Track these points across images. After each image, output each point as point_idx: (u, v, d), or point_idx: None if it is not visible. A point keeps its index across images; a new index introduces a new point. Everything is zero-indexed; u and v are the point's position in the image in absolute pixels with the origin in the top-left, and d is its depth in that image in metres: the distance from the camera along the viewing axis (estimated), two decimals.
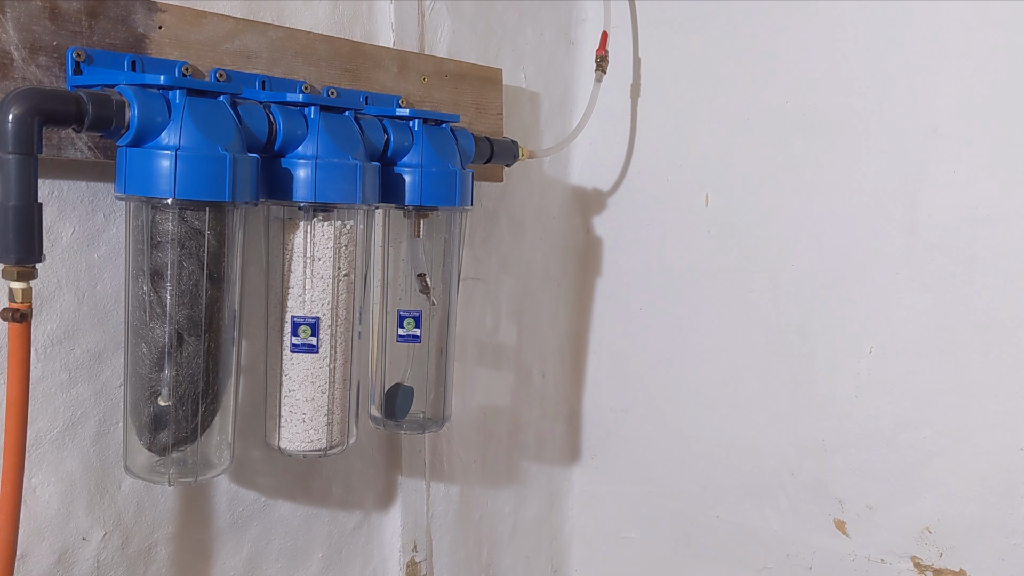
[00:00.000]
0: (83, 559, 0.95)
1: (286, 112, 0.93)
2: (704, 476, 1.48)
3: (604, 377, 1.60)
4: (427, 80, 1.20)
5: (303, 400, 0.97)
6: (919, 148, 1.25)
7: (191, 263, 0.84)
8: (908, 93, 1.26)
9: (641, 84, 1.51)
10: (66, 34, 0.84)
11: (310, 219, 0.95)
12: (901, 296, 1.28)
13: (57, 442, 0.92)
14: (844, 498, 1.35)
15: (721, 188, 1.43)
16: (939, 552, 1.28)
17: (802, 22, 1.34)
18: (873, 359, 1.30)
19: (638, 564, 1.58)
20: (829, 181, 1.33)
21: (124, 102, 0.80)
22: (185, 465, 0.89)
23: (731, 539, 1.46)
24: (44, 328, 0.90)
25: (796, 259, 1.36)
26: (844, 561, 1.35)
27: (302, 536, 1.18)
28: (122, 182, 0.82)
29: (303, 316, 0.95)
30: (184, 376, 0.85)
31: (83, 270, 0.92)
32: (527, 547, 1.57)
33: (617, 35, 1.51)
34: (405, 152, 1.07)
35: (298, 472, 1.17)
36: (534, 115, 1.48)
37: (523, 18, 1.44)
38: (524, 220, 1.48)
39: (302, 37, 1.05)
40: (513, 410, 1.51)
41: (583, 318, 1.61)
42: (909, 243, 1.27)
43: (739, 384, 1.43)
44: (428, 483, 1.35)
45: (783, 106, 1.36)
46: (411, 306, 1.13)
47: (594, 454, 1.62)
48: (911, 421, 1.28)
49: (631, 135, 1.52)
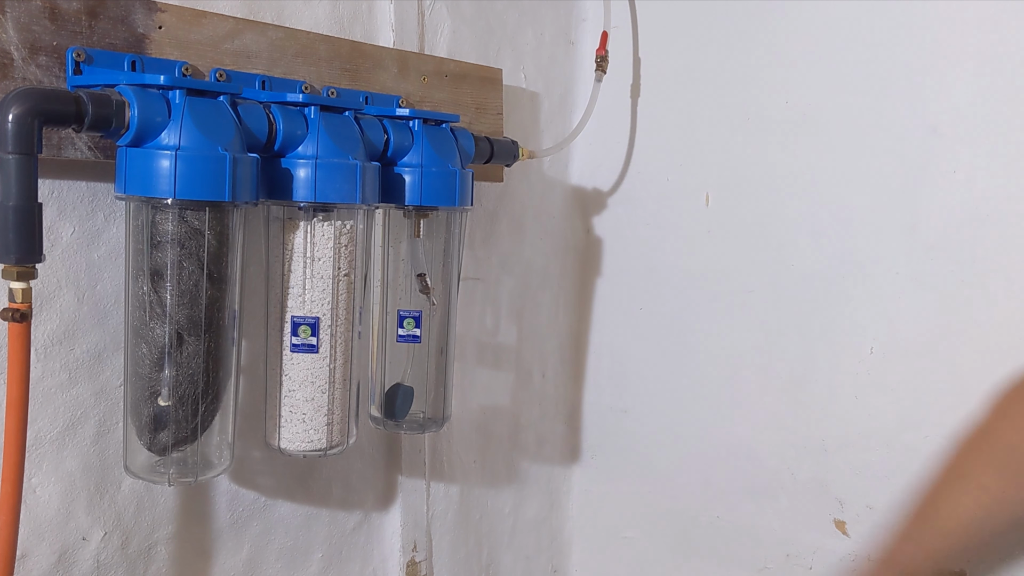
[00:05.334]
0: (83, 559, 0.95)
1: (286, 112, 0.93)
2: (704, 476, 1.48)
3: (604, 377, 1.59)
4: (427, 80, 1.20)
5: (303, 400, 0.97)
6: (919, 148, 1.25)
7: (191, 263, 0.84)
8: (908, 93, 1.26)
9: (641, 84, 1.51)
10: (66, 34, 0.84)
11: (310, 219, 0.95)
12: (901, 296, 1.28)
13: (57, 442, 0.92)
14: (844, 498, 1.35)
15: (721, 188, 1.43)
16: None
17: (802, 22, 1.34)
18: (873, 359, 1.30)
19: (638, 564, 1.58)
20: (829, 181, 1.33)
21: (124, 102, 0.80)
22: (185, 465, 0.89)
23: (731, 539, 1.46)
24: (44, 328, 0.90)
25: (796, 259, 1.36)
26: (844, 561, 1.35)
27: (302, 536, 1.18)
28: (122, 182, 0.82)
29: (303, 316, 0.95)
30: (184, 376, 0.85)
31: (83, 270, 0.92)
32: (527, 547, 1.57)
33: (617, 35, 1.51)
34: (405, 152, 1.07)
35: (298, 472, 1.17)
36: (534, 115, 1.48)
37: (523, 18, 1.44)
38: (524, 220, 1.48)
39: (302, 37, 1.05)
40: (513, 410, 1.51)
41: (583, 318, 1.61)
42: (909, 243, 1.27)
43: (739, 384, 1.43)
44: (428, 483, 1.35)
45: (783, 106, 1.36)
46: (411, 306, 1.13)
47: (594, 454, 1.62)
48: (911, 421, 1.28)
49: (631, 135, 1.52)
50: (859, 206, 1.30)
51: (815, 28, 1.33)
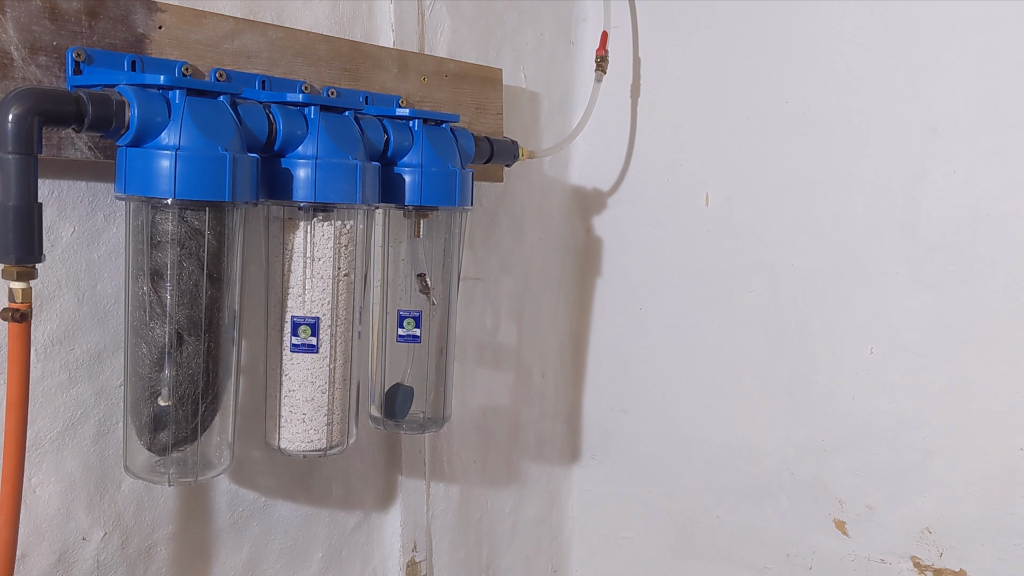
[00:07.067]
0: (83, 559, 0.95)
1: (286, 112, 0.93)
2: (704, 476, 1.48)
3: (604, 377, 1.60)
4: (427, 80, 1.20)
5: (303, 400, 0.97)
6: (919, 148, 1.25)
7: (191, 263, 0.84)
8: (908, 93, 1.26)
9: (641, 84, 1.51)
10: (66, 34, 0.84)
11: (310, 219, 0.95)
12: (901, 296, 1.28)
13: (57, 442, 0.92)
14: (844, 498, 1.35)
15: (721, 188, 1.43)
16: (939, 552, 1.28)
17: (802, 22, 1.34)
18: (873, 359, 1.30)
19: (638, 564, 1.58)
20: (829, 181, 1.33)
21: (124, 102, 0.80)
22: (185, 465, 0.89)
23: (731, 539, 1.46)
24: (44, 328, 0.90)
25: (796, 259, 1.37)
26: (844, 561, 1.35)
27: (302, 536, 1.18)
28: (122, 182, 0.82)
29: (303, 316, 0.95)
30: (184, 376, 0.85)
31: (83, 270, 0.92)
32: (527, 547, 1.57)
33: (617, 35, 1.51)
34: (405, 152, 1.07)
35: (298, 472, 1.17)
36: (534, 115, 1.48)
37: (523, 18, 1.44)
38: (524, 220, 1.48)
39: (302, 37, 1.05)
40: (513, 410, 1.51)
41: (583, 318, 1.61)
42: (909, 243, 1.27)
43: (739, 384, 1.43)
44: (428, 483, 1.35)
45: (783, 106, 1.36)
46: (411, 306, 1.13)
47: (594, 454, 1.62)
48: (911, 421, 1.28)
49: (631, 135, 1.52)
50: (859, 206, 1.31)
51: (815, 28, 1.33)
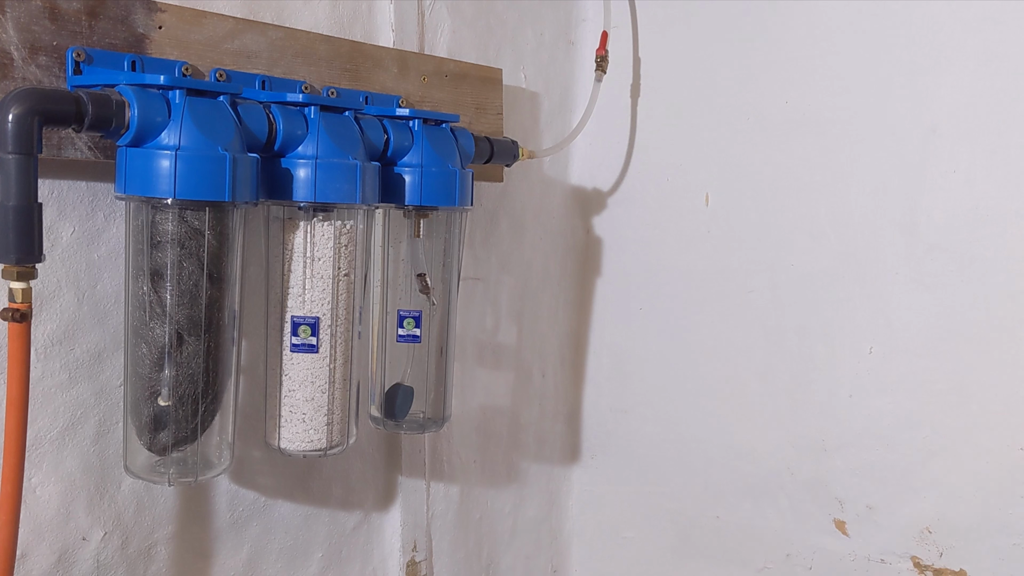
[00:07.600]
0: (83, 559, 0.95)
1: (286, 112, 0.93)
2: (704, 476, 1.48)
3: (604, 377, 1.60)
4: (427, 80, 1.20)
5: (303, 400, 0.97)
6: (919, 148, 1.25)
7: (191, 263, 0.84)
8: (908, 93, 1.26)
9: (641, 84, 1.51)
10: (66, 34, 0.84)
11: (310, 219, 0.95)
12: (901, 296, 1.28)
13: (57, 442, 0.92)
14: (844, 498, 1.35)
15: (721, 188, 1.43)
16: (939, 552, 1.28)
17: (802, 22, 1.34)
18: (873, 359, 1.30)
19: (638, 564, 1.58)
20: (829, 181, 1.33)
21: (124, 102, 0.80)
22: (185, 465, 0.89)
23: (731, 539, 1.46)
24: (44, 328, 0.90)
25: (796, 259, 1.37)
26: (844, 561, 1.35)
27: (302, 536, 1.18)
28: (122, 182, 0.82)
29: (303, 316, 0.95)
30: (184, 376, 0.85)
31: (83, 270, 0.92)
32: (527, 547, 1.57)
33: (617, 35, 1.51)
34: (405, 152, 1.07)
35: (298, 472, 1.17)
36: (534, 115, 1.48)
37: (523, 18, 1.44)
38: (524, 220, 1.48)
39: (302, 37, 1.05)
40: (513, 410, 1.51)
41: (583, 318, 1.61)
42: (909, 243, 1.27)
43: (739, 384, 1.43)
44: (428, 483, 1.35)
45: (783, 106, 1.36)
46: (411, 306, 1.13)
47: (594, 454, 1.62)
48: (911, 421, 1.28)
49: (631, 135, 1.52)
50: (859, 206, 1.31)
51: (815, 28, 1.33)
